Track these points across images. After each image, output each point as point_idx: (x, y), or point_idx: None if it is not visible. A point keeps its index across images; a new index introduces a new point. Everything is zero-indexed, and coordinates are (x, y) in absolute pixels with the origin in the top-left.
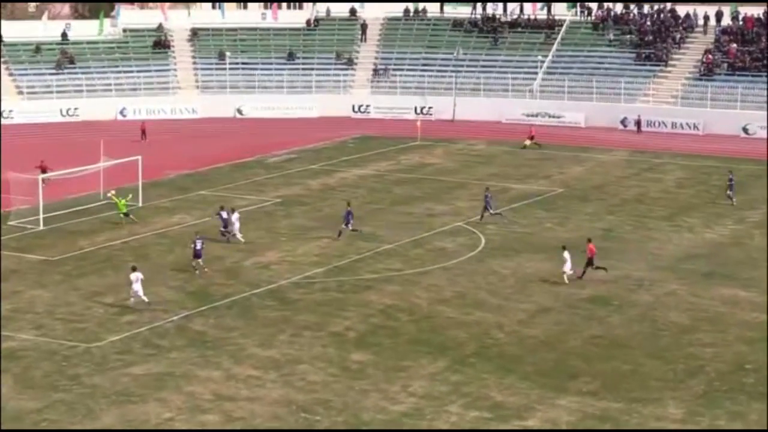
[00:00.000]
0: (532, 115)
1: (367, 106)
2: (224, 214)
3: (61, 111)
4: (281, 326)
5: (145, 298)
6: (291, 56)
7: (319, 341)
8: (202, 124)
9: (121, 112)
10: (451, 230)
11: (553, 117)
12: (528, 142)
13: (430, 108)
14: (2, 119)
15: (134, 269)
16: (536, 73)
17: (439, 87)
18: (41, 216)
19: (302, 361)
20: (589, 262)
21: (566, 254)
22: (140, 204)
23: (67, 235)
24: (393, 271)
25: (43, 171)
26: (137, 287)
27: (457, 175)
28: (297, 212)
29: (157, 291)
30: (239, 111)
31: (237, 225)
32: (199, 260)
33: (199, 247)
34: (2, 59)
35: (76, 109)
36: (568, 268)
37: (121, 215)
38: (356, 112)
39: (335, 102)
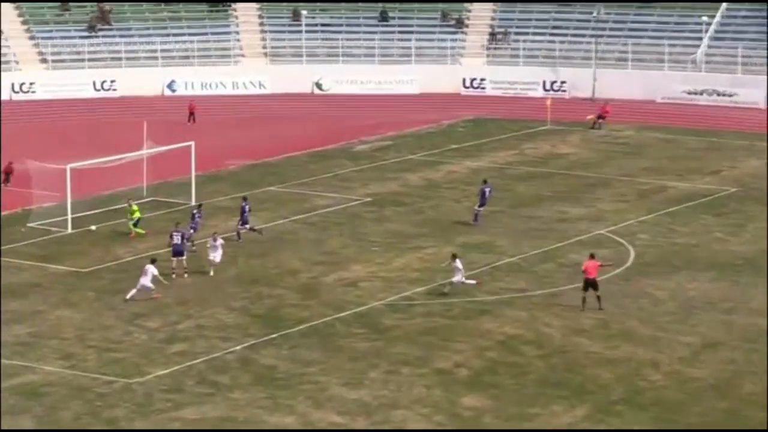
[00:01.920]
0: (695, 93)
1: (482, 80)
2: (247, 207)
3: (94, 84)
4: (372, 360)
5: (152, 289)
6: (384, 16)
7: (420, 380)
8: (271, 102)
9: (170, 86)
10: (591, 240)
11: (723, 95)
12: (592, 118)
13: (562, 83)
14: (21, 94)
15: (153, 261)
16: (700, 38)
17: (575, 56)
18: (69, 216)
19: (399, 405)
20: (589, 285)
21: (458, 262)
22: (192, 202)
23: (101, 240)
24: (515, 291)
25: (7, 174)
26: (145, 281)
27: (599, 168)
28: (392, 215)
29: (215, 314)
30: (318, 86)
31: (219, 252)
32: (181, 258)
33: (177, 241)
34: (22, 18)
35: (112, 81)
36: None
37: (132, 224)
38: (468, 87)
39: (441, 75)
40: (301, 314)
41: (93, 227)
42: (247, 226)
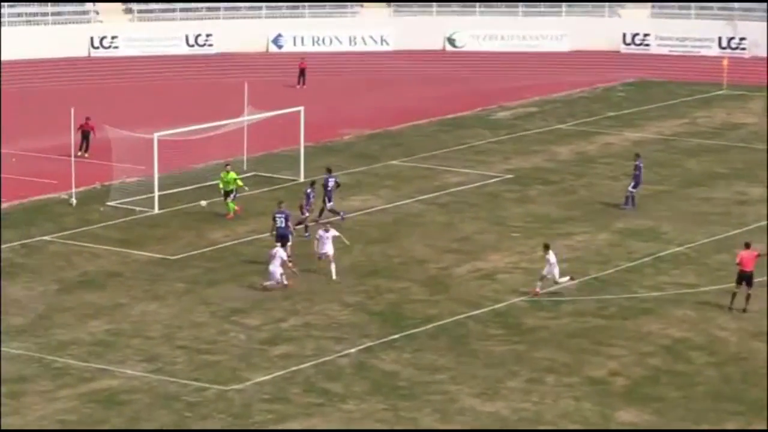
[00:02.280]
0: None
1: (646, 35)
2: (312, 193)
3: (186, 39)
4: (512, 367)
5: (284, 280)
6: None
7: (569, 391)
8: (394, 61)
9: (275, 42)
10: None
11: None
12: None
13: (741, 40)
14: (101, 49)
15: (282, 242)
16: None
17: (756, 8)
18: (156, 193)
19: (543, 420)
20: (744, 280)
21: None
22: (301, 179)
23: (193, 222)
24: (684, 287)
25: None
26: (275, 268)
27: None
28: (537, 195)
29: (326, 310)
30: (451, 41)
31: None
32: (286, 245)
33: (281, 224)
34: None
35: (208, 36)
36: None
37: (227, 191)
38: (629, 44)
39: (596, 29)
40: (428, 311)
41: (203, 203)
42: (330, 204)
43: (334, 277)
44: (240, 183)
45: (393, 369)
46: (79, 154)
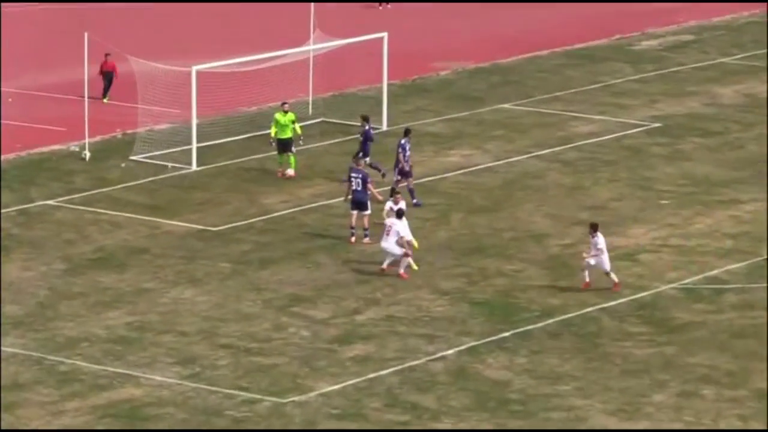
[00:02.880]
0: None
1: None
2: (371, 131)
3: None
4: (658, 376)
5: (413, 265)
6: None
7: (732, 407)
8: None
9: None
10: None
11: None
12: None
13: None
14: None
15: (399, 214)
16: None
17: None
18: (195, 145)
19: None
20: None
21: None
22: (384, 126)
23: (242, 183)
24: None
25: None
26: (389, 245)
27: None
28: (692, 150)
29: (415, 299)
30: None
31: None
32: (363, 213)
33: (357, 186)
34: None
35: None
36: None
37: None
38: None
39: None
40: (549, 302)
41: (123, 164)
42: (367, 159)
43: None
44: (299, 130)
45: (502, 377)
46: (105, 101)
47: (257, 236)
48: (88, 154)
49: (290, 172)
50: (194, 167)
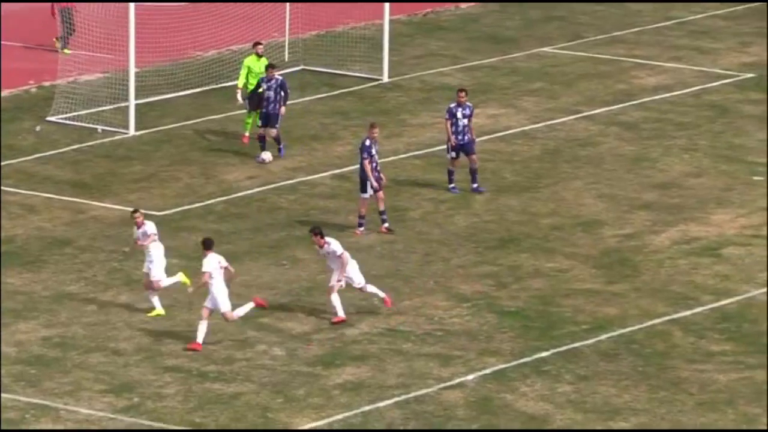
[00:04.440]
0: None
1: None
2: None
3: None
4: (747, 408)
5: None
6: None
7: None
8: None
9: None
10: None
11: None
12: None
13: None
14: None
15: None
16: None
17: None
18: (132, 102)
19: None
20: None
21: None
22: (385, 77)
23: (195, 153)
24: None
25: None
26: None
27: None
28: None
29: (427, 305)
30: None
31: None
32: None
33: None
34: None
35: None
36: None
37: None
38: None
39: None
40: (602, 311)
41: (100, 129)
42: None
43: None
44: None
45: (540, 411)
46: (66, 52)
47: (216, 223)
48: None
49: (248, 137)
50: (132, 132)
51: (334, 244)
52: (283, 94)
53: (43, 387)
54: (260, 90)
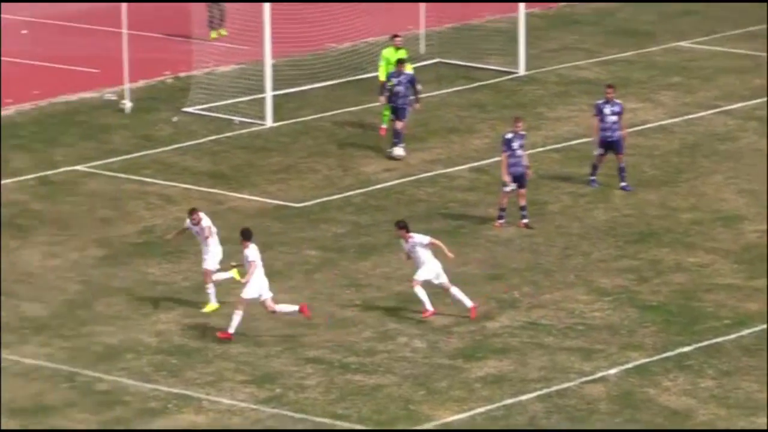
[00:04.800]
0: None
1: None
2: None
3: None
4: None
5: None
6: None
7: None
8: None
9: None
10: None
11: None
12: None
13: None
14: None
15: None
16: None
17: None
18: (269, 93)
19: None
20: None
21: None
22: (521, 71)
23: (332, 145)
24: None
25: None
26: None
27: None
28: None
29: (567, 299)
30: None
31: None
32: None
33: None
34: None
35: None
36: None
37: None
38: None
39: None
40: (744, 306)
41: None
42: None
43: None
44: (410, 68)
45: (682, 405)
46: (213, 35)
47: (355, 215)
48: (129, 104)
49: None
50: (269, 123)
51: (418, 237)
52: (413, 89)
53: (185, 377)
54: (390, 84)
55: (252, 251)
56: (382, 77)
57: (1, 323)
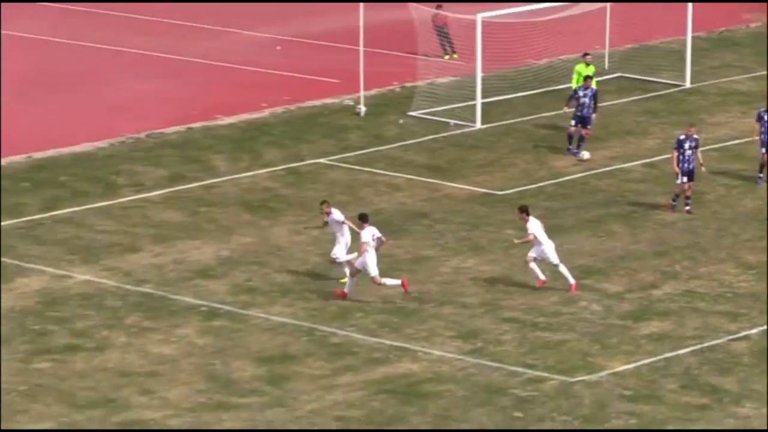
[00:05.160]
0: None
1: None
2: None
3: None
4: None
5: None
6: None
7: None
8: None
9: None
10: None
11: None
12: None
13: None
14: None
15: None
16: None
17: None
18: (479, 101)
19: None
20: None
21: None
22: (687, 84)
23: (529, 144)
24: None
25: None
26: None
27: None
28: None
29: (720, 272)
30: None
31: None
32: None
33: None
34: None
35: None
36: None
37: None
38: None
39: None
40: None
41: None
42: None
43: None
44: (595, 83)
45: None
46: (446, 58)
47: (547, 201)
48: (363, 109)
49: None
50: (478, 125)
51: (532, 221)
52: (595, 102)
53: (403, 332)
54: (578, 96)
55: (366, 233)
56: (574, 87)
57: (256, 287)
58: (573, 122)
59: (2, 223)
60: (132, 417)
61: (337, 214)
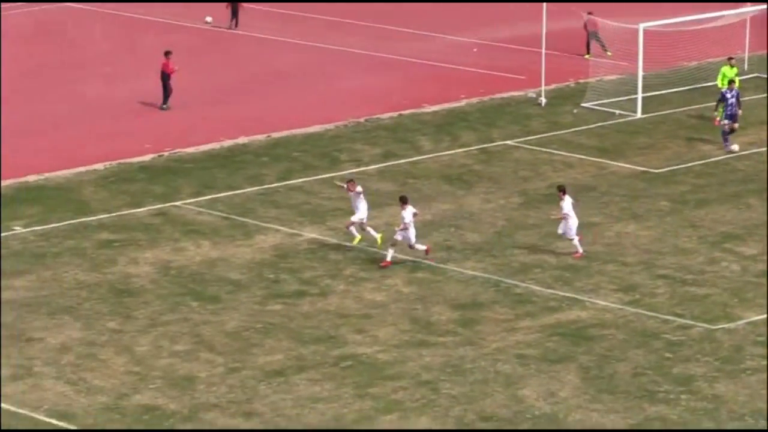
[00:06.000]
0: None
1: None
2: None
3: None
4: None
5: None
6: None
7: None
8: None
9: None
10: None
11: None
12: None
13: None
14: None
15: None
16: None
17: None
18: (640, 95)
19: None
20: None
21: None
22: None
23: (681, 130)
24: None
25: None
26: None
27: None
28: None
29: None
30: None
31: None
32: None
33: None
34: None
35: None
36: None
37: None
38: None
39: None
40: None
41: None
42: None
43: None
44: (737, 82)
45: None
46: (609, 54)
47: (694, 179)
48: (544, 101)
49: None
50: (639, 115)
51: (567, 200)
52: (738, 101)
53: (574, 286)
54: (726, 98)
55: (407, 212)
56: (720, 85)
57: (452, 246)
58: (726, 121)
59: (246, 190)
60: (348, 352)
61: (359, 188)
